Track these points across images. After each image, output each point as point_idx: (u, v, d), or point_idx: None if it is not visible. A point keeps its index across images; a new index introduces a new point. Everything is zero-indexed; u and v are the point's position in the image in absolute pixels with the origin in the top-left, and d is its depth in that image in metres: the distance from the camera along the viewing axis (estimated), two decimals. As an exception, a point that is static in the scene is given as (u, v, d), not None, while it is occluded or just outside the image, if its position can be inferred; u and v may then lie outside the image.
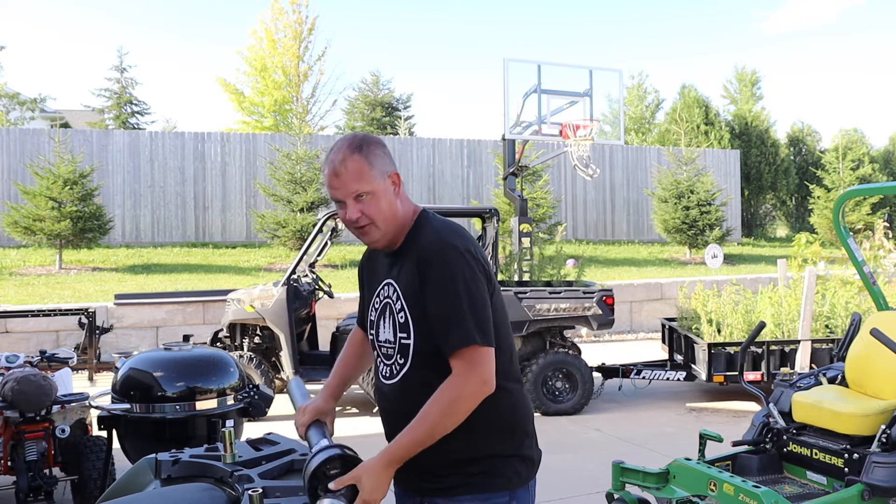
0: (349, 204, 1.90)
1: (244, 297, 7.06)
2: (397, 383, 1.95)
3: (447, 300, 1.83)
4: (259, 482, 1.72)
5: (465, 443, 1.88)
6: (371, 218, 1.91)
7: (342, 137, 1.96)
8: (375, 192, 1.91)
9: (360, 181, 1.89)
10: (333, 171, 1.90)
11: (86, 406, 4.51)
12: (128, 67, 26.21)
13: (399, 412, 1.94)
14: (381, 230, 1.94)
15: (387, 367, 1.99)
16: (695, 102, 26.23)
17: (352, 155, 1.90)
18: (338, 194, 1.91)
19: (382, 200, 1.92)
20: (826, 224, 19.36)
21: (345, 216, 1.93)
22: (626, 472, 3.88)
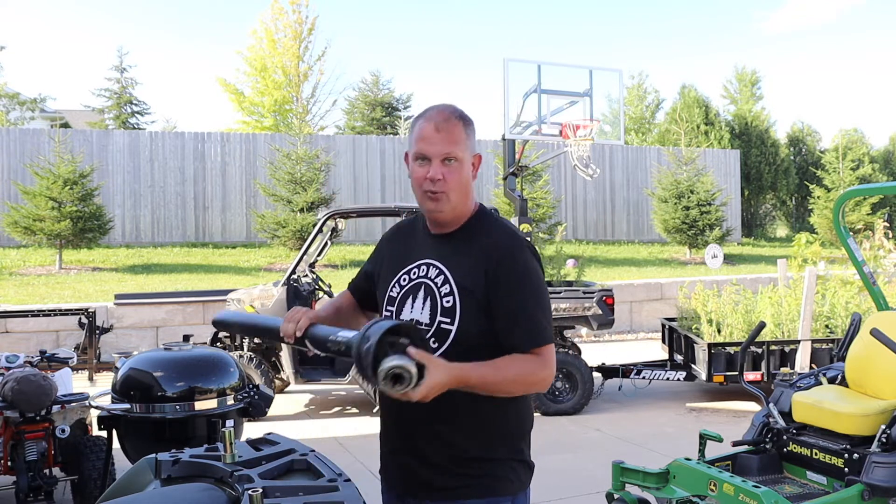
0: (434, 164, 1.88)
1: (244, 297, 7.06)
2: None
3: (525, 299, 1.85)
4: (259, 482, 1.72)
5: (479, 442, 1.88)
6: (449, 185, 1.89)
7: (440, 103, 1.96)
8: (462, 162, 1.90)
9: (455, 145, 1.88)
10: (435, 127, 1.88)
11: (86, 406, 4.51)
12: (128, 67, 26.24)
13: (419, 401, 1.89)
14: (452, 202, 1.91)
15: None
16: (695, 102, 26.24)
17: (456, 119, 1.91)
18: (429, 150, 1.88)
19: (464, 174, 1.91)
20: (826, 224, 19.36)
21: (424, 174, 1.89)
22: (626, 472, 3.88)
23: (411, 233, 2.06)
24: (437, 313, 1.88)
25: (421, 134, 1.90)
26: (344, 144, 18.82)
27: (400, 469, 1.97)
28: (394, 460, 1.99)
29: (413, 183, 1.95)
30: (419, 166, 1.90)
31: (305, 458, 1.80)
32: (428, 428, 1.89)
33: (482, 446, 1.88)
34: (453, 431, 1.88)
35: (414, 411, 1.82)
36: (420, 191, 1.92)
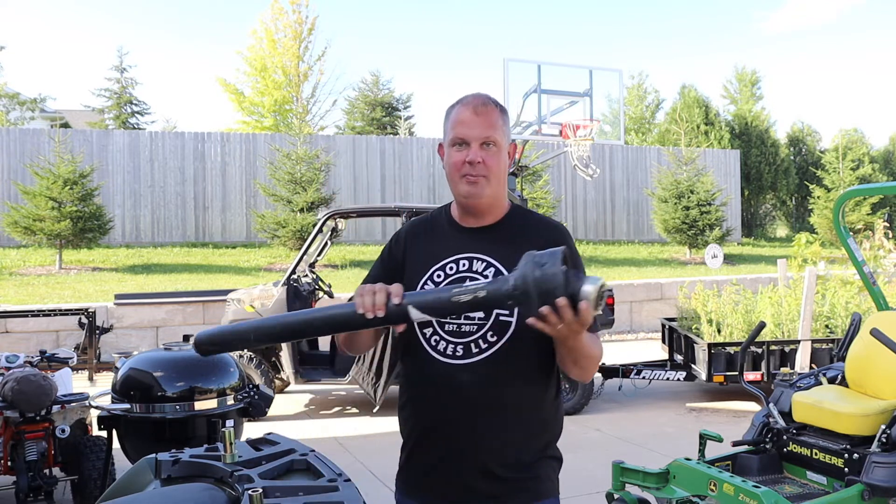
0: (474, 147, 1.84)
1: (244, 297, 7.06)
2: (478, 363, 1.79)
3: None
4: (259, 482, 1.72)
5: (531, 444, 1.85)
6: (489, 169, 1.85)
7: (474, 92, 1.93)
8: (501, 148, 1.87)
9: (494, 129, 1.85)
10: (473, 110, 1.85)
11: (86, 406, 4.51)
12: (128, 67, 26.23)
13: (477, 395, 1.80)
14: (492, 187, 1.86)
15: (456, 346, 1.81)
16: (695, 102, 26.25)
17: (494, 106, 1.89)
18: (468, 133, 1.84)
19: (502, 160, 1.88)
20: (826, 224, 19.36)
21: (462, 158, 1.84)
22: (626, 472, 3.88)
23: (433, 229, 1.98)
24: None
25: (458, 118, 1.87)
26: (344, 144, 18.83)
27: (450, 478, 1.84)
28: (444, 469, 1.84)
29: (449, 169, 1.89)
30: (457, 151, 1.86)
31: (305, 458, 1.80)
32: (484, 432, 1.81)
33: (534, 448, 1.85)
34: (508, 434, 1.81)
35: (490, 396, 1.78)
36: (457, 175, 1.86)
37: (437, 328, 1.83)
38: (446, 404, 1.80)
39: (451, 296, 1.58)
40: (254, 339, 1.69)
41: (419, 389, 1.88)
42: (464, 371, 1.79)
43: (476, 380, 1.78)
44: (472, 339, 1.80)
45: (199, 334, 1.75)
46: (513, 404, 1.81)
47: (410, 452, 1.92)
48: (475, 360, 1.79)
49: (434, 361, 1.82)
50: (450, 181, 1.90)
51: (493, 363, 1.78)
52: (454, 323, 1.82)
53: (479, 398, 1.78)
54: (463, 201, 1.89)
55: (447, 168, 1.90)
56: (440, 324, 1.82)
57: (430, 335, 1.84)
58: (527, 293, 1.52)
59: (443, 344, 1.82)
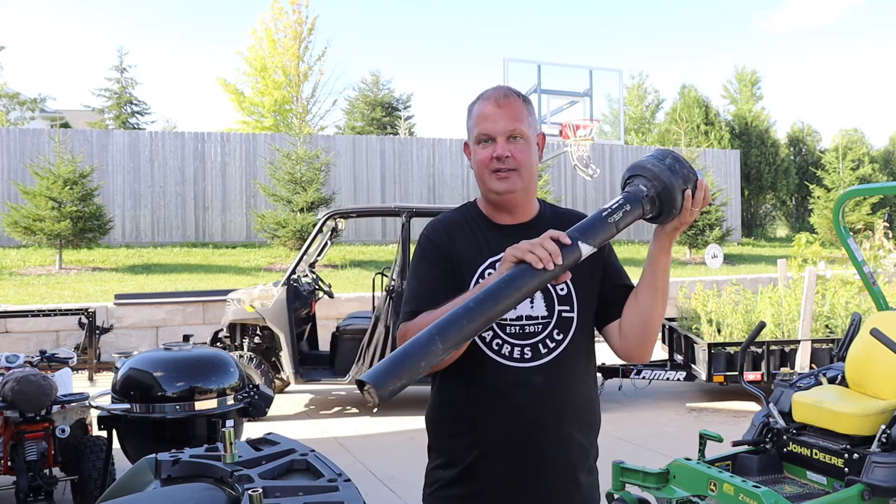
0: (500, 142, 1.77)
1: (244, 297, 7.06)
2: (549, 363, 1.75)
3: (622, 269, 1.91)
4: (259, 482, 1.72)
5: (594, 437, 1.89)
6: (519, 162, 1.78)
7: (495, 86, 1.87)
8: (528, 140, 1.80)
9: (520, 121, 1.78)
10: (495, 103, 1.78)
11: (86, 406, 4.51)
12: (128, 67, 26.21)
13: (552, 396, 1.75)
14: (523, 181, 1.79)
15: (523, 349, 1.75)
16: (695, 102, 26.25)
17: (516, 97, 1.82)
18: (493, 128, 1.77)
19: (532, 152, 1.82)
20: (826, 224, 19.36)
21: (489, 154, 1.78)
22: (626, 472, 3.88)
23: (467, 226, 1.86)
24: (553, 303, 1.77)
25: (482, 114, 1.80)
26: (344, 144, 18.83)
27: (536, 486, 1.76)
28: (525, 479, 1.75)
29: (478, 168, 1.82)
30: (483, 148, 1.79)
31: (305, 458, 1.80)
32: (568, 433, 1.79)
33: (595, 446, 1.88)
34: (584, 433, 1.83)
35: (562, 396, 1.76)
36: (487, 172, 1.79)
37: (499, 331, 1.75)
38: (524, 409, 1.73)
39: (605, 218, 1.60)
40: (442, 350, 1.39)
41: (489, 398, 1.75)
42: (536, 373, 1.73)
43: (555, 374, 1.74)
44: (539, 339, 1.75)
45: (373, 380, 1.33)
46: (584, 401, 1.81)
47: (477, 466, 1.77)
48: (549, 358, 1.75)
49: (504, 367, 1.74)
50: (479, 180, 1.83)
51: (568, 356, 1.76)
52: (516, 325, 1.75)
53: (556, 399, 1.75)
54: (496, 198, 1.82)
55: (475, 167, 1.83)
56: (501, 326, 1.75)
57: (490, 339, 1.76)
58: (665, 187, 1.61)
59: (507, 348, 1.75)
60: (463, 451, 1.78)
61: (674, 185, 1.61)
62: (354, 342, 6.82)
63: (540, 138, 1.87)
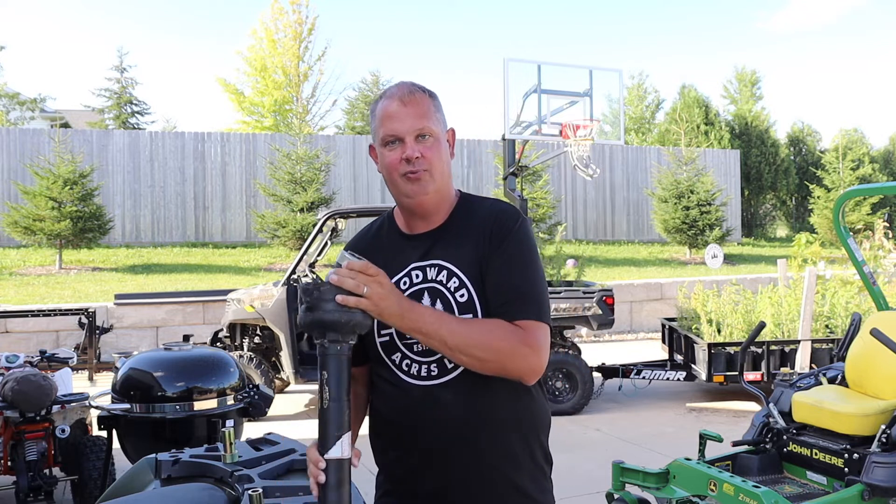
0: (408, 142, 1.66)
1: (244, 297, 7.06)
2: (457, 378, 1.64)
3: (525, 274, 1.64)
4: (259, 482, 1.72)
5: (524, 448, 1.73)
6: (430, 163, 1.67)
7: (399, 82, 1.75)
8: (438, 138, 1.69)
9: (427, 118, 1.67)
10: (400, 100, 1.67)
11: (86, 406, 4.51)
12: (128, 67, 26.19)
13: (466, 410, 1.64)
14: (436, 183, 1.69)
15: (429, 366, 1.66)
16: (695, 102, 26.25)
17: (421, 92, 1.71)
18: (399, 127, 1.66)
19: (442, 151, 1.71)
20: (826, 224, 19.37)
21: (398, 157, 1.66)
22: (626, 472, 3.88)
23: (377, 242, 1.79)
24: (454, 312, 1.64)
25: (386, 113, 1.68)
26: (344, 144, 18.83)
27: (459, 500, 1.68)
28: (447, 494, 1.68)
29: (386, 171, 1.70)
30: (390, 150, 1.67)
31: (305, 458, 1.80)
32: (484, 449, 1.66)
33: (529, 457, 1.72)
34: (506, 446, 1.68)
35: (464, 419, 1.64)
36: (396, 176, 1.67)
37: (406, 351, 1.68)
38: (439, 426, 1.65)
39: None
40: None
41: (404, 418, 1.69)
42: (444, 390, 1.64)
43: (460, 395, 1.64)
44: (438, 355, 1.64)
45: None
46: (512, 407, 1.68)
47: (407, 481, 1.74)
48: (452, 376, 1.64)
49: (411, 387, 1.66)
50: (389, 184, 1.71)
51: (470, 375, 1.62)
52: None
53: (471, 413, 1.64)
54: (407, 202, 1.70)
55: (383, 170, 1.71)
56: (408, 346, 1.67)
57: (399, 360, 1.69)
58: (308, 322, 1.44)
59: (415, 367, 1.67)
60: (392, 464, 1.76)
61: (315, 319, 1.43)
62: (354, 342, 6.81)
63: (450, 135, 1.77)
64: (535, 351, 1.59)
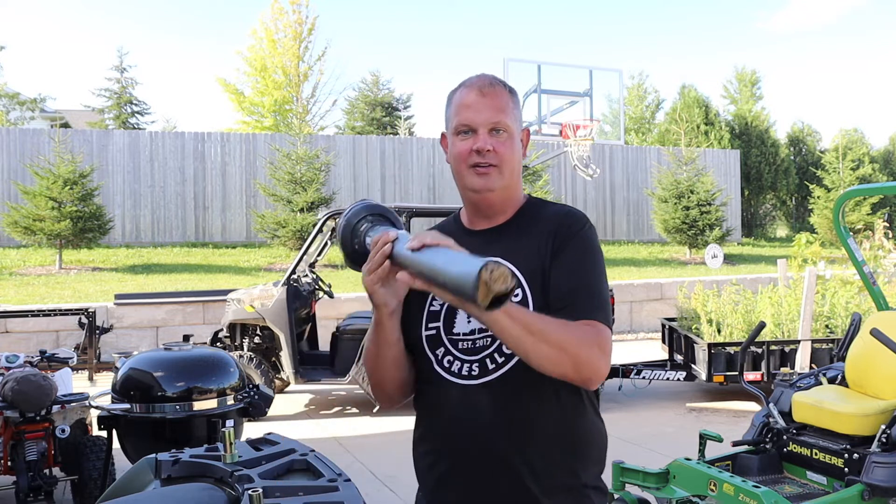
0: (481, 134, 1.61)
1: (244, 297, 7.06)
2: (496, 381, 1.58)
3: (591, 275, 1.60)
4: (259, 482, 1.72)
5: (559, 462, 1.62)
6: (501, 158, 1.62)
7: (478, 73, 1.71)
8: (512, 135, 1.65)
9: (504, 113, 1.63)
10: (479, 91, 1.63)
11: (86, 406, 4.51)
12: (128, 67, 26.22)
13: (500, 416, 1.57)
14: (504, 179, 1.64)
15: (471, 365, 1.60)
16: (695, 102, 26.24)
17: (501, 86, 1.66)
18: (474, 118, 1.61)
19: (515, 148, 1.66)
20: (826, 224, 19.37)
21: (468, 146, 1.62)
22: (626, 472, 3.88)
23: (442, 233, 1.69)
24: None
25: (462, 102, 1.64)
26: (344, 144, 18.83)
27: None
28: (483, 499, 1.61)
29: (455, 161, 1.66)
30: (461, 140, 1.64)
31: (305, 458, 1.80)
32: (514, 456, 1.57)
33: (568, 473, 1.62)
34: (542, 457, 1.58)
35: (509, 419, 1.56)
36: (464, 166, 1.64)
37: (451, 347, 1.63)
38: (472, 431, 1.58)
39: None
40: None
41: (440, 419, 1.65)
42: (481, 392, 1.58)
43: (497, 400, 1.57)
44: (487, 353, 1.59)
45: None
46: (553, 423, 1.59)
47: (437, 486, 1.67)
48: (492, 377, 1.58)
49: (450, 385, 1.61)
50: (456, 175, 1.68)
51: (515, 379, 1.56)
52: (468, 339, 1.61)
53: (505, 420, 1.56)
54: (472, 196, 1.67)
55: (452, 160, 1.68)
56: (453, 342, 1.63)
57: (442, 356, 1.64)
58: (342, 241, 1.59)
59: (457, 364, 1.62)
60: (425, 472, 1.70)
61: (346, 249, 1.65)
62: (354, 342, 6.81)
63: (524, 135, 1.72)
64: (605, 354, 1.53)
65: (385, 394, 1.74)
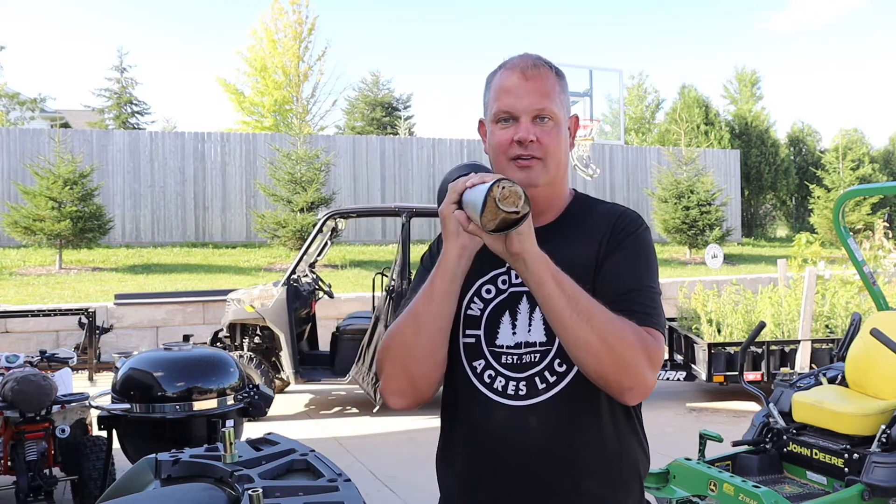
0: (523, 122, 1.45)
1: (244, 297, 7.06)
2: (547, 401, 1.42)
3: (646, 279, 1.47)
4: (259, 482, 1.72)
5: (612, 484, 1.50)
6: (545, 150, 1.45)
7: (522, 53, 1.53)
8: (559, 123, 1.48)
9: (549, 98, 1.46)
10: (522, 73, 1.46)
11: (86, 406, 4.51)
12: (128, 67, 26.20)
13: (552, 441, 1.42)
14: (549, 174, 1.48)
15: (518, 383, 1.44)
16: (695, 102, 26.25)
17: (547, 68, 1.49)
18: (516, 104, 1.44)
19: (561, 138, 1.49)
20: (826, 224, 19.36)
21: (509, 136, 1.45)
22: (626, 472, 3.87)
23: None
24: None
25: (503, 85, 1.47)
26: (344, 144, 18.83)
27: None
28: None
29: (494, 152, 1.49)
30: (502, 129, 1.46)
31: (305, 458, 1.80)
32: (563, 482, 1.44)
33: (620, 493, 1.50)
34: (591, 483, 1.46)
35: (562, 448, 1.42)
36: (504, 159, 1.47)
37: (493, 361, 1.47)
38: (518, 456, 1.43)
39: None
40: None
41: (480, 441, 1.47)
42: (531, 413, 1.42)
43: (547, 423, 1.42)
44: (536, 371, 1.43)
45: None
46: (605, 447, 1.46)
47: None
48: (543, 398, 1.42)
49: (495, 405, 1.44)
50: (495, 167, 1.50)
51: (567, 399, 1.42)
52: (513, 353, 1.45)
53: (557, 444, 1.42)
54: None
55: (491, 150, 1.51)
56: (496, 355, 1.46)
57: (482, 370, 1.47)
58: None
59: (500, 381, 1.45)
60: (460, 495, 1.53)
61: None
62: (354, 342, 6.82)
63: (572, 122, 1.55)
64: (654, 367, 1.37)
65: (409, 385, 1.47)
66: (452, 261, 1.37)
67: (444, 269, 1.38)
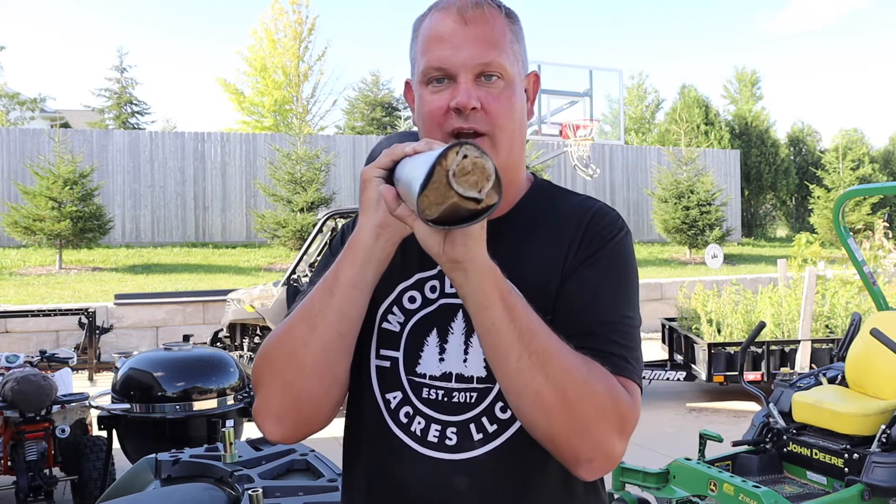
0: (463, 82, 1.05)
1: (244, 297, 7.07)
2: (484, 458, 1.05)
3: (621, 309, 1.07)
4: (259, 482, 1.72)
5: None
6: (493, 120, 1.06)
7: None
8: (511, 83, 1.08)
9: (498, 49, 1.06)
10: (459, 15, 1.06)
11: (86, 406, 4.51)
12: (128, 67, 26.19)
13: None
14: (500, 153, 1.06)
15: (444, 429, 1.07)
16: (695, 102, 26.26)
17: (494, 7, 1.08)
18: (451, 57, 1.05)
19: (515, 104, 1.09)
20: (826, 224, 19.37)
21: (446, 101, 1.06)
22: (626, 472, 3.88)
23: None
24: None
25: (435, 32, 1.08)
26: (344, 144, 18.83)
27: None
28: None
29: (424, 124, 1.09)
30: (433, 92, 1.08)
31: (305, 458, 1.80)
32: None
33: None
34: None
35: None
36: (439, 133, 1.06)
37: (411, 395, 1.08)
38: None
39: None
40: None
41: (384, 497, 1.10)
42: (461, 471, 1.05)
43: (482, 485, 1.05)
44: (472, 415, 1.06)
45: None
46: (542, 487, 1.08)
47: None
48: (478, 452, 1.05)
49: (413, 456, 1.07)
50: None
51: (509, 455, 1.05)
52: (439, 387, 1.07)
53: (504, 497, 1.06)
54: None
55: (420, 122, 1.11)
56: (416, 387, 1.08)
57: (396, 406, 1.09)
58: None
59: (420, 423, 1.07)
60: None
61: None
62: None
63: (531, 81, 1.15)
64: (625, 432, 0.99)
65: (291, 407, 1.07)
66: (366, 241, 0.99)
67: (353, 252, 1.00)
